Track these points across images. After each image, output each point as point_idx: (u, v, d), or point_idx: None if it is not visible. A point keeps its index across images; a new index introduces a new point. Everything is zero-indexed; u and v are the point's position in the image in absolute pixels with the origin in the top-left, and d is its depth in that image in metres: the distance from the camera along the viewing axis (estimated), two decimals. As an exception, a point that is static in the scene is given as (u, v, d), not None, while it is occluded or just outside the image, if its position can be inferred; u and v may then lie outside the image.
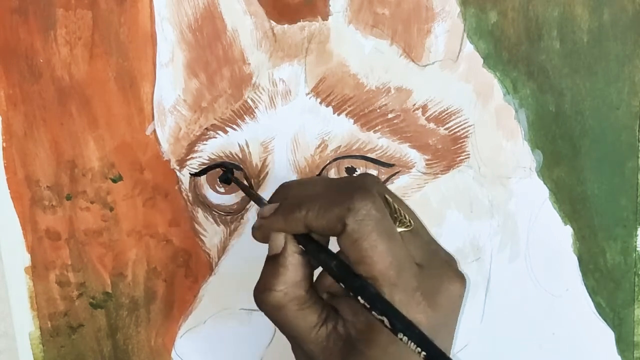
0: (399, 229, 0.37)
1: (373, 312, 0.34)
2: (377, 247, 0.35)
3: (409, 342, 0.32)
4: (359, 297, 0.34)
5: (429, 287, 0.36)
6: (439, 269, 0.37)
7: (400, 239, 0.36)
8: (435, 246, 0.38)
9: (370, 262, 0.35)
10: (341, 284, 0.36)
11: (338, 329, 0.37)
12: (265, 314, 0.38)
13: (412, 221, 0.37)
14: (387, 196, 0.38)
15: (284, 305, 0.37)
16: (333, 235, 0.36)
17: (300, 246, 0.38)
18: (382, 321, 0.33)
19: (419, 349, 0.31)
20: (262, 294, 0.38)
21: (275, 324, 0.38)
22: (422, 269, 0.36)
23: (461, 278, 0.37)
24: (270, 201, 0.40)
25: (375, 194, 0.36)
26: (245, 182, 0.50)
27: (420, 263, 0.36)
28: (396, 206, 0.37)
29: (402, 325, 0.32)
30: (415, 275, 0.35)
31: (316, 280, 0.39)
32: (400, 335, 0.32)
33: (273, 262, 0.38)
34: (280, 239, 0.38)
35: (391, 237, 0.35)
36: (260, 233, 0.39)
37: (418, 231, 0.38)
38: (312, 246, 0.37)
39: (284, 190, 0.40)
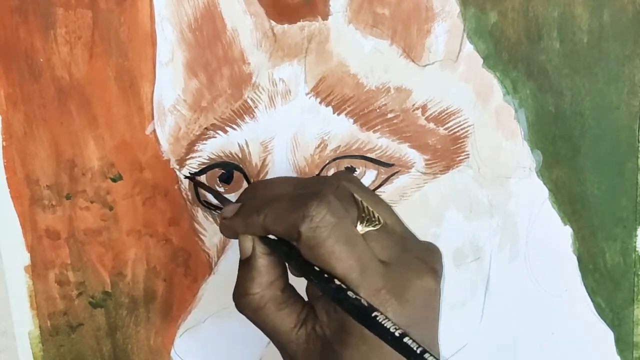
0: (367, 229, 0.37)
1: (343, 307, 0.34)
2: (335, 253, 0.35)
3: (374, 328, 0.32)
4: (324, 291, 0.35)
5: (396, 285, 0.35)
6: (409, 265, 0.36)
7: (361, 240, 0.36)
8: (408, 242, 0.38)
9: (329, 267, 0.35)
10: (313, 284, 0.36)
11: (316, 330, 0.37)
12: (247, 318, 0.38)
13: (380, 219, 0.37)
14: (356, 196, 0.37)
15: (262, 307, 0.38)
16: (292, 240, 0.36)
17: (268, 247, 0.38)
18: (350, 313, 0.34)
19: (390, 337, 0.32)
20: (240, 299, 0.38)
21: (258, 327, 0.39)
22: (388, 266, 0.36)
23: (433, 272, 0.37)
24: (238, 200, 0.40)
25: (331, 199, 0.35)
26: (246, 182, 0.50)
27: (388, 261, 0.36)
28: (365, 205, 0.37)
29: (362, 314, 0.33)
30: (380, 274, 0.35)
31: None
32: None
33: (245, 265, 0.38)
34: (248, 242, 0.38)
35: (349, 241, 0.35)
36: (225, 232, 0.39)
37: (389, 228, 0.38)
38: (274, 246, 0.38)
39: (251, 190, 0.40)
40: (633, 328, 0.52)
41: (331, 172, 0.49)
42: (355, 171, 0.49)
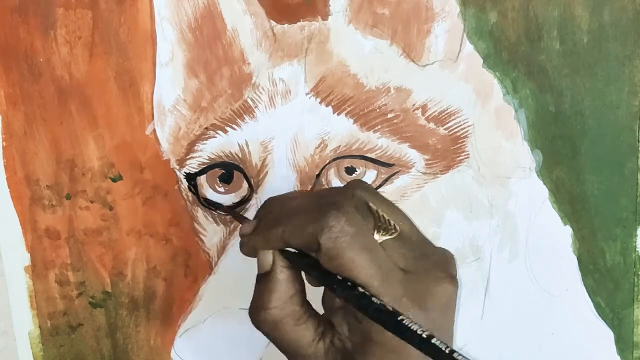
0: (383, 237, 0.37)
1: (367, 314, 0.34)
2: (355, 262, 0.35)
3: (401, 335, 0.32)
4: (347, 299, 0.35)
5: (416, 292, 0.35)
6: (427, 272, 0.37)
7: (380, 249, 0.36)
8: (424, 249, 0.38)
9: (351, 276, 0.35)
10: (337, 295, 0.36)
11: (335, 343, 0.37)
12: (263, 333, 0.38)
13: (397, 227, 0.37)
14: (371, 205, 0.37)
15: (280, 322, 0.37)
16: (312, 252, 0.36)
17: (288, 260, 0.38)
18: (375, 319, 0.33)
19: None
20: (258, 314, 0.38)
21: (273, 342, 0.38)
22: (408, 274, 0.36)
23: (451, 279, 0.37)
24: (256, 216, 0.40)
25: (348, 209, 0.36)
26: (246, 182, 0.50)
27: (407, 268, 0.36)
28: (381, 214, 0.37)
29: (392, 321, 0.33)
30: (400, 282, 0.35)
31: (323, 295, 0.39)
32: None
33: (264, 279, 0.38)
34: (268, 256, 0.38)
35: (369, 250, 0.35)
36: (246, 250, 0.40)
37: (405, 236, 0.38)
38: (294, 258, 0.38)
39: (267, 205, 0.40)
40: (633, 328, 0.52)
41: (331, 172, 0.49)
42: (356, 171, 0.49)
